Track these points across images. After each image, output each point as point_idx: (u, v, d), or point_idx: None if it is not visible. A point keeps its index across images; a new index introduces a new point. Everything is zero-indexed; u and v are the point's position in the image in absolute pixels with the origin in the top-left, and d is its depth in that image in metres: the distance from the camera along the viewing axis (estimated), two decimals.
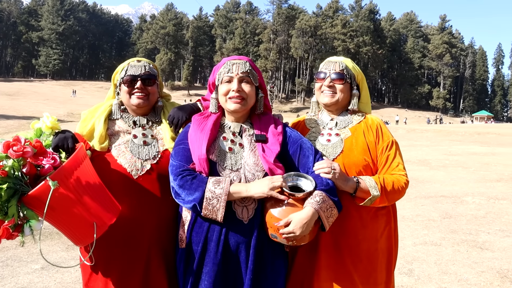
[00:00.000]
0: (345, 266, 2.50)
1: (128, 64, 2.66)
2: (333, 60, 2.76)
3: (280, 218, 2.21)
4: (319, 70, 2.77)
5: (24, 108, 52.55)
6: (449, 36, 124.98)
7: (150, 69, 2.66)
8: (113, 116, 2.65)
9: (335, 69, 2.69)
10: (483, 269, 5.69)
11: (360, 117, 2.74)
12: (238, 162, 2.37)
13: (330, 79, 2.68)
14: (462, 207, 9.29)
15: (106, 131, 2.56)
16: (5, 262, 5.73)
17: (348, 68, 2.72)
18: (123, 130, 2.61)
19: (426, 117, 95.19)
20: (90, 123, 2.58)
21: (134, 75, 2.59)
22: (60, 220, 2.15)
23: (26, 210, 2.08)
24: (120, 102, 2.68)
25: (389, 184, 2.47)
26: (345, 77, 2.68)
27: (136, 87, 2.58)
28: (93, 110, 2.69)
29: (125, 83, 2.58)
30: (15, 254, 5.99)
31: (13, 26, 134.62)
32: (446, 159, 18.30)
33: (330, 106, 2.73)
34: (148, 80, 2.62)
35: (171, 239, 2.51)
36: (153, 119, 2.70)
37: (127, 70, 2.61)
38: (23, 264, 5.68)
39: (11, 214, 2.04)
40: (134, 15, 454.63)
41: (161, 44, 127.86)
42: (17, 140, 2.08)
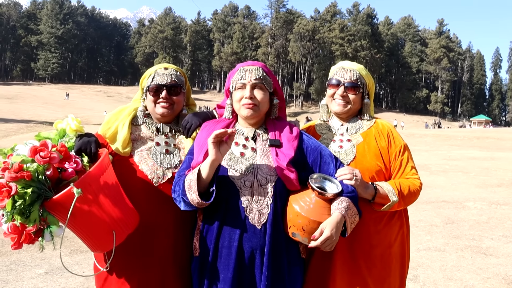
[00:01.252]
0: (360, 271, 2.50)
1: (155, 71, 2.63)
2: (347, 67, 2.75)
3: (306, 216, 2.19)
4: (332, 77, 2.76)
5: (22, 112, 52.56)
6: (447, 40, 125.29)
7: (176, 77, 2.63)
8: (137, 121, 2.64)
9: (350, 78, 2.69)
10: (488, 275, 5.67)
11: (371, 122, 2.75)
12: (250, 167, 2.35)
13: (343, 88, 2.67)
14: (464, 213, 9.29)
15: (129, 135, 2.55)
16: (9, 266, 5.70)
17: (362, 77, 2.72)
18: (146, 136, 2.60)
19: (424, 121, 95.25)
20: (114, 126, 2.56)
21: (160, 84, 2.57)
22: (80, 226, 2.13)
23: (47, 215, 2.06)
24: (144, 108, 2.66)
25: (406, 188, 2.48)
26: (359, 87, 2.69)
27: (161, 96, 2.56)
28: (117, 112, 2.66)
29: (151, 91, 2.57)
30: (19, 259, 5.97)
31: (12, 29, 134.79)
32: (446, 163, 18.33)
33: (341, 114, 2.73)
34: (173, 89, 2.60)
35: (188, 248, 2.49)
36: (176, 127, 2.68)
37: (154, 78, 2.59)
38: (27, 268, 5.66)
39: (33, 218, 2.01)
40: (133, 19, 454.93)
41: (160, 48, 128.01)
42: (45, 145, 2.05)
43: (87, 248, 2.35)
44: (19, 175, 1.95)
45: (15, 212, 1.99)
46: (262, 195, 2.29)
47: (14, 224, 2.02)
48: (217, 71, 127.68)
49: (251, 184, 2.31)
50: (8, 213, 1.99)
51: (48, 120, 46.13)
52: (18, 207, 1.97)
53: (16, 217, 2.00)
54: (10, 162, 2.01)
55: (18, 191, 1.95)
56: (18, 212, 1.99)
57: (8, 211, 1.98)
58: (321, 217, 2.20)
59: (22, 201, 1.96)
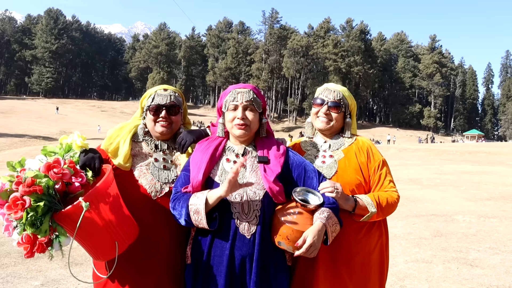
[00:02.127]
0: (341, 278, 2.66)
1: (155, 92, 2.81)
2: (331, 88, 2.96)
3: (290, 226, 2.37)
4: (317, 96, 2.97)
5: (16, 126, 52.55)
6: (439, 56, 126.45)
7: (175, 98, 2.82)
8: (138, 138, 2.81)
9: (333, 98, 2.89)
10: (473, 285, 5.83)
11: (352, 139, 2.94)
12: (240, 182, 2.50)
13: (327, 107, 2.88)
14: (453, 226, 9.43)
15: (130, 151, 2.72)
16: (5, 278, 5.81)
17: (344, 97, 2.93)
18: (146, 152, 2.77)
19: (418, 136, 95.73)
20: (116, 141, 2.73)
21: (160, 104, 2.75)
22: (85, 237, 2.29)
23: (57, 226, 2.22)
24: (144, 125, 2.84)
25: (384, 200, 2.68)
26: (341, 107, 2.89)
27: (160, 116, 2.75)
28: (118, 129, 2.81)
29: (151, 111, 2.75)
30: (15, 271, 6.08)
31: (6, 44, 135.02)
32: (438, 178, 18.47)
33: (324, 131, 2.94)
34: (172, 109, 2.79)
35: (182, 256, 2.65)
36: (173, 145, 2.85)
37: (154, 98, 2.77)
38: (23, 280, 5.77)
39: (44, 229, 2.16)
40: (127, 34, 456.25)
41: (154, 63, 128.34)
42: (57, 162, 2.22)
43: (82, 261, 2.50)
44: (31, 189, 2.10)
45: (26, 224, 2.13)
46: (251, 207, 2.48)
47: (27, 234, 2.17)
48: (211, 86, 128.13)
49: (241, 198, 2.49)
50: (22, 224, 2.14)
51: (41, 135, 46.18)
52: (29, 218, 2.12)
53: (27, 228, 2.15)
54: (23, 176, 2.15)
55: (31, 204, 2.09)
56: (29, 223, 2.14)
57: (23, 223, 2.13)
58: (304, 226, 2.39)
59: (34, 213, 2.11)
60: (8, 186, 2.18)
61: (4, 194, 2.16)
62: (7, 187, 2.17)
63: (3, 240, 7.33)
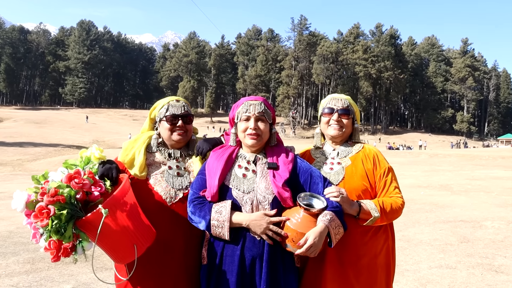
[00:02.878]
0: (348, 279, 2.79)
1: (168, 103, 2.98)
2: (338, 97, 3.12)
3: (295, 229, 2.53)
4: (326, 106, 3.10)
5: (51, 136, 53.75)
6: (472, 59, 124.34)
7: (187, 108, 3.01)
8: (152, 149, 2.97)
9: (342, 106, 3.05)
10: None
11: (359, 147, 3.10)
12: (251, 186, 2.70)
13: (337, 114, 3.03)
14: (480, 232, 9.36)
15: (145, 161, 2.89)
16: (39, 282, 6.08)
17: (350, 105, 3.09)
18: (160, 161, 2.94)
19: (450, 141, 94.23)
20: (131, 153, 2.91)
21: (176, 114, 2.93)
22: (106, 241, 2.46)
23: (79, 232, 2.40)
24: (158, 136, 3.00)
25: (388, 205, 2.81)
26: (350, 113, 3.05)
27: (177, 125, 2.93)
28: (133, 141, 2.99)
29: (168, 121, 2.91)
30: (48, 275, 6.36)
31: (41, 56, 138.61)
32: (469, 183, 18.24)
33: (336, 138, 3.07)
34: (186, 119, 2.98)
35: (196, 257, 2.83)
36: (185, 152, 3.03)
37: (168, 109, 2.94)
38: (55, 284, 6.03)
39: (67, 235, 2.35)
40: (158, 43, 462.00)
41: (184, 72, 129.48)
42: (78, 173, 2.42)
43: (111, 266, 2.69)
44: (55, 198, 2.29)
45: (52, 231, 2.32)
46: (261, 210, 2.64)
47: (53, 240, 2.36)
48: (241, 94, 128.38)
49: (251, 201, 2.67)
50: (48, 231, 2.34)
51: (75, 144, 47.14)
52: (54, 226, 2.31)
53: (53, 234, 2.34)
54: (47, 187, 2.35)
55: (55, 213, 2.28)
56: (54, 230, 2.32)
57: (48, 230, 2.32)
58: (308, 229, 2.54)
59: (58, 221, 2.31)
60: (34, 197, 2.37)
61: (31, 205, 2.36)
62: (33, 198, 2.37)
63: (38, 246, 7.59)
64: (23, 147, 43.63)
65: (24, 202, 2.38)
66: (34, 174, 2.48)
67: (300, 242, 2.50)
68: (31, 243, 7.98)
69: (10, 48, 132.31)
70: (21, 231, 9.06)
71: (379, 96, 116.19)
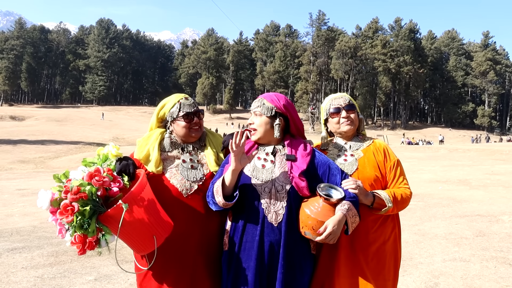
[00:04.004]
0: (359, 264, 2.97)
1: (178, 101, 3.10)
2: (338, 96, 3.29)
3: (315, 217, 2.69)
4: (328, 108, 3.26)
5: (72, 133, 54.36)
6: (493, 53, 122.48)
7: (197, 104, 3.16)
8: (165, 148, 3.10)
9: (346, 103, 3.22)
10: (508, 284, 5.89)
11: (369, 141, 3.28)
12: (269, 176, 2.87)
13: (345, 111, 3.19)
14: (497, 226, 9.38)
15: (160, 156, 3.04)
16: (63, 273, 6.33)
17: (351, 100, 3.27)
18: (174, 155, 3.09)
19: (471, 136, 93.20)
20: (145, 150, 3.05)
21: (190, 112, 3.07)
22: (127, 233, 2.62)
23: (102, 226, 2.58)
24: (170, 135, 3.14)
25: (399, 196, 2.99)
26: (354, 107, 3.23)
27: (193, 122, 3.08)
28: (146, 138, 3.13)
29: (185, 118, 3.05)
30: (71, 267, 6.60)
31: (61, 55, 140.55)
32: (488, 178, 18.14)
33: (349, 133, 3.23)
34: (200, 115, 3.14)
35: (214, 247, 3.01)
36: (197, 145, 3.18)
37: (181, 108, 3.07)
38: (78, 275, 6.26)
39: (91, 230, 2.52)
40: (176, 41, 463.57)
41: (203, 69, 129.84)
42: (98, 171, 2.59)
43: (131, 259, 2.88)
44: (78, 196, 2.47)
45: (77, 226, 2.50)
46: (278, 199, 2.82)
47: (79, 235, 2.55)
48: (260, 90, 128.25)
49: (269, 190, 2.84)
50: (73, 227, 2.51)
51: (95, 141, 47.63)
52: (79, 221, 2.49)
53: (77, 229, 2.52)
54: (70, 186, 2.52)
55: (79, 209, 2.46)
56: (79, 225, 2.50)
57: (73, 225, 2.49)
58: (327, 218, 2.70)
59: (81, 217, 2.48)
60: (57, 195, 2.56)
61: (55, 203, 2.54)
62: (57, 196, 2.56)
63: (61, 240, 7.81)
64: (44, 145, 44.27)
65: (49, 201, 2.56)
66: (56, 173, 2.65)
67: (320, 230, 2.67)
68: (54, 237, 8.25)
69: (31, 47, 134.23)
70: (45, 226, 9.33)
71: (398, 91, 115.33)
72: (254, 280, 2.78)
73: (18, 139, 46.21)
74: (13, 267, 6.57)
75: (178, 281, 2.94)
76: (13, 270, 6.45)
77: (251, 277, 2.78)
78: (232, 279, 2.85)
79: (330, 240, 2.70)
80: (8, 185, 17.54)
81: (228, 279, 2.87)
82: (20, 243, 7.99)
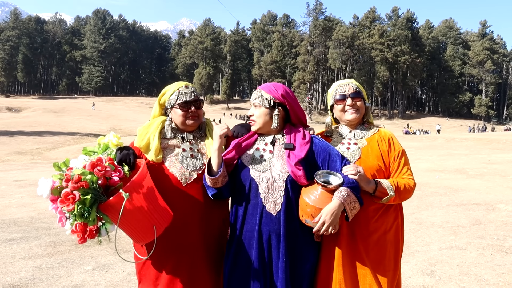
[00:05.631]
0: (359, 253, 2.96)
1: (178, 89, 3.09)
2: (344, 83, 3.24)
3: (313, 205, 2.70)
4: (335, 94, 3.23)
5: (69, 124, 54.19)
6: (490, 42, 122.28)
7: (197, 94, 3.15)
8: (166, 135, 3.11)
9: (352, 90, 3.18)
10: (504, 271, 5.94)
11: (374, 130, 3.23)
12: (267, 166, 2.90)
13: (351, 99, 3.15)
14: (493, 214, 9.41)
15: (160, 145, 3.04)
16: (61, 263, 6.35)
17: (358, 87, 3.22)
18: (174, 144, 3.09)
19: (468, 125, 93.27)
20: (146, 138, 3.05)
21: (188, 101, 3.06)
22: (127, 223, 2.63)
23: (102, 215, 2.59)
24: (170, 122, 3.14)
25: (402, 186, 2.95)
26: (361, 95, 3.19)
27: (190, 111, 3.07)
28: (146, 126, 3.13)
29: (181, 107, 3.05)
30: (69, 257, 6.63)
31: (57, 46, 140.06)
32: (485, 167, 18.14)
33: (354, 121, 3.20)
34: (198, 104, 3.12)
35: (214, 236, 3.04)
36: (197, 135, 3.18)
37: (179, 96, 3.06)
38: (76, 265, 6.29)
39: (92, 218, 2.52)
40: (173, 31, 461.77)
41: (200, 59, 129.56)
42: (100, 160, 2.59)
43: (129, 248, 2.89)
44: (79, 184, 2.47)
45: (77, 215, 2.50)
46: (276, 188, 2.84)
47: (79, 223, 2.55)
48: (257, 80, 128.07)
49: (267, 180, 2.86)
50: (74, 215, 2.51)
51: (93, 132, 47.54)
52: (79, 210, 2.49)
53: (78, 218, 2.52)
54: (71, 174, 2.52)
55: (80, 198, 2.47)
56: (79, 214, 2.50)
57: (74, 214, 2.50)
58: (326, 205, 2.70)
59: (82, 205, 2.49)
60: (58, 183, 2.56)
61: (56, 191, 2.54)
62: (57, 185, 2.56)
63: (59, 231, 7.88)
64: (41, 136, 44.13)
65: (49, 189, 2.56)
66: (56, 162, 2.65)
67: (315, 219, 2.68)
68: (52, 227, 8.27)
69: (27, 38, 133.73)
70: (42, 217, 9.34)
71: (395, 80, 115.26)
72: (254, 269, 2.81)
73: (15, 130, 46.04)
74: (11, 258, 6.59)
75: (177, 269, 2.95)
76: (11, 260, 6.47)
77: (251, 266, 2.82)
78: (232, 268, 2.88)
79: (328, 228, 2.69)
80: (5, 177, 17.51)
81: (227, 267, 2.91)
82: (18, 234, 8.00)
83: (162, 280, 2.95)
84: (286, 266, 2.78)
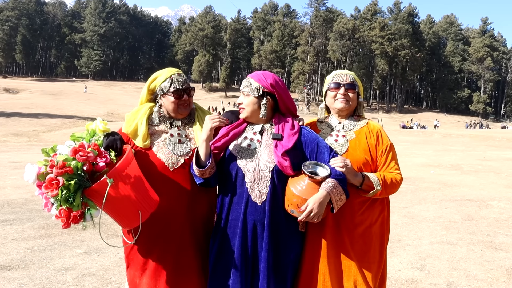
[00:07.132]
0: (344, 245, 2.97)
1: (170, 76, 3.08)
2: (343, 72, 3.25)
3: (299, 195, 2.71)
4: (332, 81, 3.23)
5: (66, 108, 54.13)
6: (491, 39, 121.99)
7: (188, 81, 3.15)
8: (154, 122, 3.11)
9: (348, 80, 3.18)
10: (492, 267, 5.99)
11: (363, 123, 3.23)
12: (254, 155, 2.91)
13: (344, 89, 3.16)
14: (485, 211, 9.48)
15: (148, 131, 3.05)
16: (53, 246, 6.39)
17: (355, 80, 3.22)
18: (162, 130, 3.10)
19: (465, 122, 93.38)
20: (134, 124, 3.06)
21: (180, 89, 3.06)
22: (112, 208, 2.65)
23: (87, 201, 2.60)
24: (159, 109, 3.14)
25: (388, 180, 2.96)
26: (355, 87, 3.19)
27: (183, 99, 3.08)
28: (135, 112, 3.14)
29: (174, 94, 3.04)
30: (61, 240, 6.67)
31: (57, 28, 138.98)
32: (479, 164, 18.25)
33: (343, 111, 3.20)
34: (190, 92, 3.13)
35: (201, 222, 3.07)
36: (186, 120, 3.19)
37: (172, 83, 3.06)
38: (68, 248, 6.33)
39: (76, 204, 2.55)
40: (173, 17, 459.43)
41: (200, 46, 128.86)
42: (82, 146, 2.61)
43: (119, 233, 2.90)
44: (63, 170, 2.49)
45: (62, 200, 2.52)
46: (262, 178, 2.85)
47: (64, 209, 2.57)
48: (256, 69, 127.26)
49: (253, 169, 2.87)
50: (58, 200, 2.54)
51: (90, 116, 47.44)
52: (64, 195, 2.51)
53: (63, 203, 2.55)
54: (56, 160, 2.54)
55: (64, 183, 2.48)
56: (64, 199, 2.53)
57: (59, 199, 2.52)
58: (312, 196, 2.71)
59: (67, 191, 2.51)
60: (44, 169, 2.58)
61: (42, 176, 2.57)
62: (43, 170, 2.58)
63: (52, 213, 7.90)
64: (38, 118, 44.13)
65: (35, 174, 2.59)
66: (44, 148, 2.68)
67: (301, 208, 2.69)
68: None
69: (27, 19, 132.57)
70: (36, 199, 9.34)
71: (395, 74, 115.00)
72: (237, 257, 2.83)
73: (12, 111, 45.98)
74: (3, 239, 6.61)
75: (164, 254, 2.98)
76: (3, 241, 6.50)
77: (234, 254, 2.84)
78: (216, 255, 2.91)
79: (313, 218, 2.71)
80: (1, 158, 17.53)
81: (213, 255, 2.93)
82: (11, 215, 8.03)
83: (150, 264, 2.98)
84: (270, 255, 2.80)
